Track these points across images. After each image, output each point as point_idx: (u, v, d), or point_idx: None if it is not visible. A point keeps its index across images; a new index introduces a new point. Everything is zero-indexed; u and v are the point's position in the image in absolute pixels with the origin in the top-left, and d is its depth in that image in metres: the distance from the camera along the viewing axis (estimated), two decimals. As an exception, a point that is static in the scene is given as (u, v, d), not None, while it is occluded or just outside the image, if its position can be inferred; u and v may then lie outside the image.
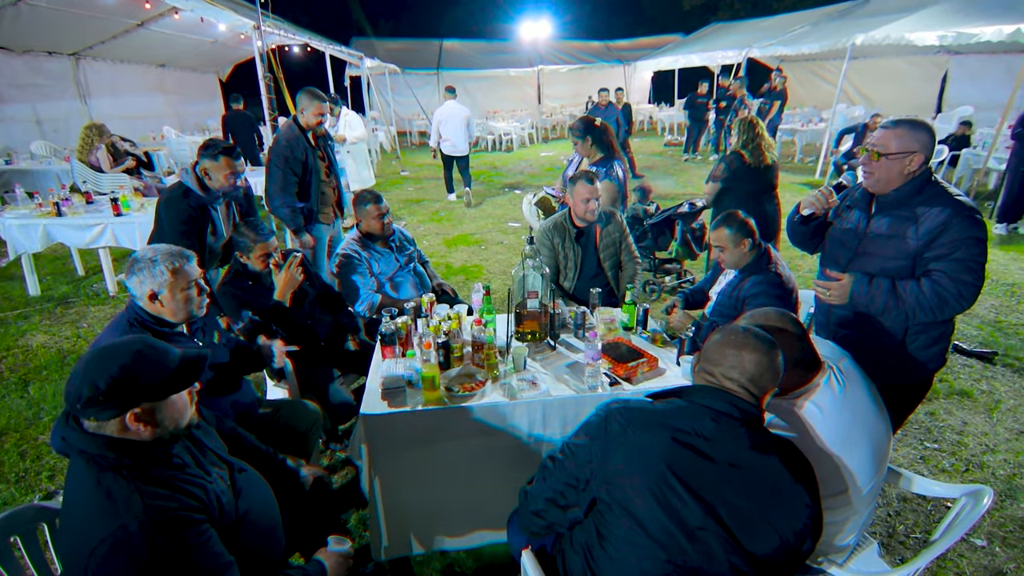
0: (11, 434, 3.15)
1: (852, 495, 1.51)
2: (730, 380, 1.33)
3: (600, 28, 23.24)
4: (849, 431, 1.51)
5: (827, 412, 1.51)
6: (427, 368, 2.05)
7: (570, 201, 3.07)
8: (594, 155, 3.83)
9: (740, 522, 1.21)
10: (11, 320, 4.58)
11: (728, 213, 2.47)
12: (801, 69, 15.24)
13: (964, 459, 2.90)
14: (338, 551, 1.60)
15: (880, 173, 1.93)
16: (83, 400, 1.21)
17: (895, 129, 1.90)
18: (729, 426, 1.27)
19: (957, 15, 8.46)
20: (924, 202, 1.90)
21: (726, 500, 1.21)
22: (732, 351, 1.33)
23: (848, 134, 8.80)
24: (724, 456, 1.24)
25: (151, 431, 1.28)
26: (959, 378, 3.60)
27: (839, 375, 1.56)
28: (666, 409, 1.32)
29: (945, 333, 2.03)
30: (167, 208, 3.02)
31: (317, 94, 3.87)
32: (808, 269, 5.42)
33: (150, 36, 10.18)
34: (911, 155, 1.87)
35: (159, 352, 1.32)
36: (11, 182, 6.81)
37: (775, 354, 1.33)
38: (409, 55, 17.09)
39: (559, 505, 1.41)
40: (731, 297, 2.48)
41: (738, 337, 1.36)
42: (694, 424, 1.27)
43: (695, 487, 1.21)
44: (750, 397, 1.32)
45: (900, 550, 2.37)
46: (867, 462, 1.51)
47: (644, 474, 1.24)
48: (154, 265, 1.82)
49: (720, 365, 1.35)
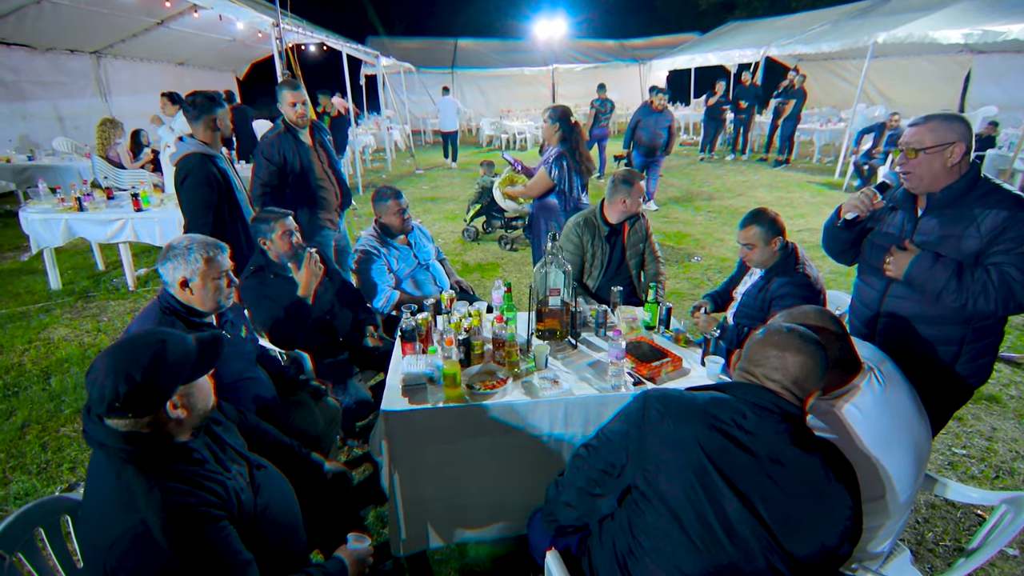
0: (33, 426, 3.18)
1: (890, 500, 1.46)
2: (772, 381, 1.28)
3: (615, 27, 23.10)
4: (889, 434, 1.46)
5: (867, 414, 1.46)
6: (448, 365, 2.03)
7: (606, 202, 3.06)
8: (552, 141, 3.71)
9: (780, 520, 1.16)
10: (33, 313, 4.64)
11: (758, 210, 2.38)
12: (819, 68, 15.04)
13: (994, 465, 2.82)
14: (358, 548, 1.59)
15: (921, 170, 1.83)
16: (121, 396, 1.20)
17: (927, 123, 1.81)
18: (772, 420, 1.22)
19: (981, 13, 8.29)
20: (980, 198, 1.79)
21: (765, 496, 1.17)
22: (775, 352, 1.28)
23: (868, 134, 8.67)
24: (765, 451, 1.19)
25: (188, 414, 1.30)
26: (988, 383, 3.49)
27: (879, 376, 1.51)
28: (707, 400, 1.28)
29: (994, 344, 1.95)
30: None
31: (290, 82, 3.55)
32: (829, 270, 5.33)
33: (169, 34, 10.30)
34: (950, 146, 1.77)
35: (178, 338, 1.33)
36: (34, 177, 6.91)
37: (820, 356, 1.28)
38: (424, 54, 17.15)
39: (592, 494, 1.36)
40: (757, 299, 2.42)
41: (782, 337, 1.30)
42: (735, 416, 1.23)
43: (734, 480, 1.17)
44: (793, 399, 1.27)
45: (929, 558, 2.31)
46: (907, 467, 1.46)
47: (681, 462, 1.20)
48: (189, 252, 1.86)
49: (761, 365, 1.30)
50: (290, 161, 3.50)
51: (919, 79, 13.03)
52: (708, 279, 5.28)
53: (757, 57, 12.44)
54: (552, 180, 3.64)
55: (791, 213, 7.41)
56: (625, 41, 19.96)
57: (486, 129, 15.23)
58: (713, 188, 9.26)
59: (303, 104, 3.51)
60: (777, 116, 11.02)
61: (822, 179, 9.57)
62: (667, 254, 5.97)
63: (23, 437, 3.09)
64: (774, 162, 11.17)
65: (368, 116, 14.28)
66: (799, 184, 9.23)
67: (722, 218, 7.44)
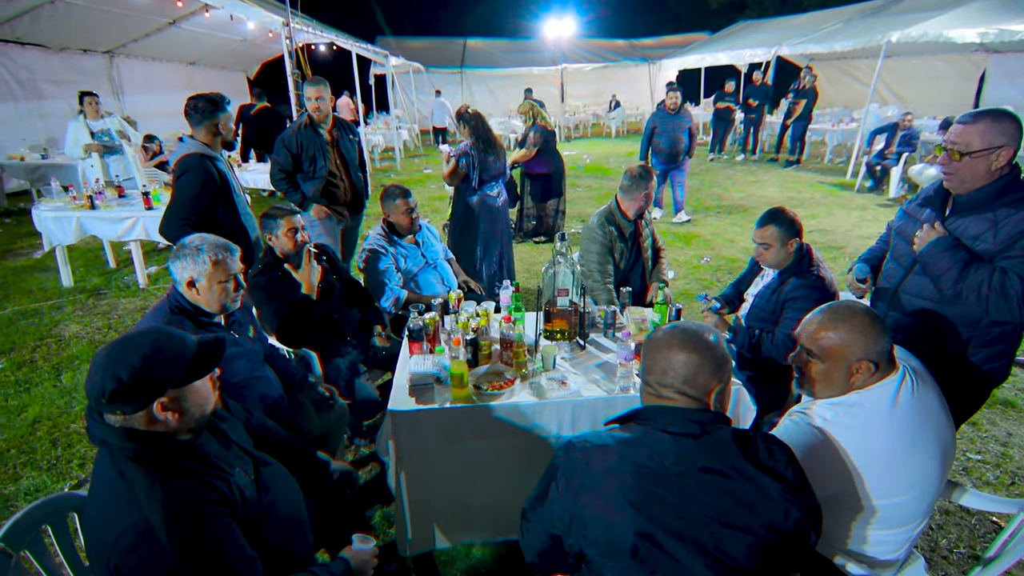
0: (44, 422, 3.20)
1: (913, 502, 1.43)
2: (666, 387, 1.23)
3: (625, 26, 23.01)
4: (917, 435, 1.42)
5: (900, 412, 1.41)
6: (456, 365, 2.02)
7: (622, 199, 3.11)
8: (461, 138, 4.35)
9: (720, 539, 1.11)
10: (45, 310, 4.69)
11: (777, 209, 2.35)
12: (831, 68, 14.89)
13: (1010, 472, 2.77)
14: (363, 549, 1.58)
15: (964, 173, 1.79)
16: (107, 394, 1.20)
17: (976, 124, 1.74)
18: (689, 446, 1.16)
19: (996, 12, 8.17)
20: (1008, 204, 1.75)
21: (709, 524, 1.12)
22: (662, 353, 1.24)
23: (880, 134, 8.57)
24: (692, 480, 1.13)
25: (178, 418, 1.27)
26: (1003, 388, 3.45)
27: (913, 376, 1.47)
28: (623, 441, 1.21)
29: (1011, 349, 1.93)
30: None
31: (316, 79, 3.85)
32: (840, 272, 5.27)
33: (181, 34, 10.38)
34: (998, 150, 1.72)
35: (176, 340, 1.31)
36: (47, 175, 6.98)
37: (705, 347, 1.22)
38: (433, 53, 17.19)
39: (554, 551, 1.30)
40: (770, 300, 2.38)
41: (665, 337, 1.26)
42: (654, 454, 1.16)
43: (675, 527, 1.11)
44: (695, 403, 1.22)
45: (943, 565, 2.26)
46: (933, 470, 1.42)
47: (618, 523, 1.13)
48: (198, 253, 1.86)
49: (653, 372, 1.25)
50: (306, 150, 3.82)
51: (933, 79, 12.86)
52: (717, 280, 5.24)
53: (768, 56, 12.34)
54: (461, 169, 4.28)
55: (803, 214, 7.24)
56: (635, 40, 19.89)
57: (495, 129, 15.20)
58: (723, 188, 9.19)
59: (317, 99, 3.77)
60: (788, 116, 10.92)
61: (833, 180, 9.47)
62: (676, 255, 5.93)
63: (34, 433, 3.11)
64: (785, 162, 11.07)
65: (377, 116, 14.32)
66: (810, 184, 9.14)
67: (732, 219, 7.38)
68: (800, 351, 1.52)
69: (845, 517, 1.48)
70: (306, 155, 3.82)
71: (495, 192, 4.40)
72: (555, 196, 6.37)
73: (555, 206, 6.46)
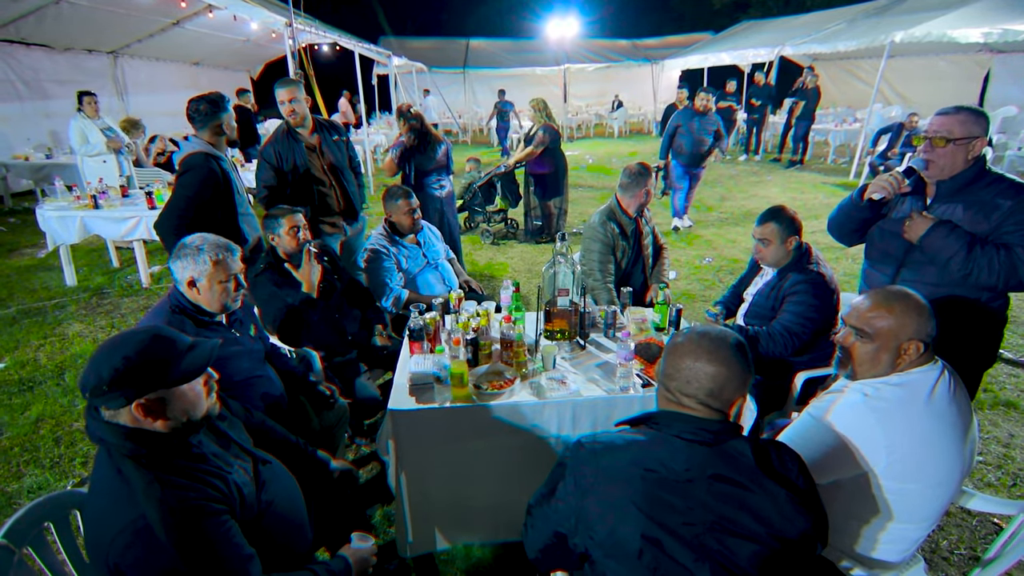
0: (47, 420, 3.22)
1: (928, 500, 1.42)
2: (688, 396, 1.20)
3: (628, 26, 22.98)
4: (951, 432, 1.41)
5: (936, 402, 1.42)
6: (456, 365, 2.02)
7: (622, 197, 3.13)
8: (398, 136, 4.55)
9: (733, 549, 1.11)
10: (48, 309, 4.71)
11: (778, 207, 2.35)
12: (834, 68, 14.86)
13: (1011, 473, 2.76)
14: (362, 548, 1.59)
15: (944, 160, 1.96)
16: (89, 389, 1.22)
17: (957, 115, 1.94)
18: (702, 454, 1.16)
19: (1000, 12, 8.14)
20: (988, 186, 1.96)
21: (716, 529, 1.11)
22: (687, 362, 1.20)
23: (885, 134, 8.54)
24: (702, 487, 1.13)
25: (163, 423, 1.26)
26: (1005, 389, 3.45)
27: (950, 372, 1.47)
28: (635, 443, 1.20)
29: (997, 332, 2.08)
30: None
31: (285, 79, 3.46)
32: (843, 272, 5.26)
33: (185, 34, 10.41)
34: (975, 140, 1.92)
35: (166, 343, 1.29)
36: (51, 175, 7.01)
37: (735, 361, 1.19)
38: (436, 54, 17.18)
39: (559, 549, 1.29)
40: (769, 297, 2.38)
41: (692, 344, 1.21)
42: (664, 459, 1.15)
43: (682, 532, 1.11)
44: (715, 415, 1.20)
45: (944, 566, 2.26)
46: (954, 473, 1.42)
47: (625, 526, 1.13)
48: (199, 253, 1.86)
49: (675, 379, 1.21)
50: (287, 160, 3.43)
51: (936, 78, 12.80)
52: (719, 280, 5.23)
53: (771, 56, 12.30)
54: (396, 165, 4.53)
55: (805, 215, 7.22)
56: (638, 41, 19.85)
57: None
58: (725, 188, 9.18)
59: (291, 102, 3.35)
60: (790, 116, 10.89)
61: (836, 180, 9.44)
62: (678, 255, 5.93)
63: (37, 431, 3.13)
64: (787, 162, 11.03)
65: (380, 116, 14.34)
66: (813, 185, 9.12)
67: (734, 219, 7.37)
68: (848, 331, 1.53)
69: (860, 506, 1.48)
70: (287, 165, 3.43)
71: (437, 184, 4.57)
72: (557, 195, 6.37)
73: (557, 205, 6.46)
